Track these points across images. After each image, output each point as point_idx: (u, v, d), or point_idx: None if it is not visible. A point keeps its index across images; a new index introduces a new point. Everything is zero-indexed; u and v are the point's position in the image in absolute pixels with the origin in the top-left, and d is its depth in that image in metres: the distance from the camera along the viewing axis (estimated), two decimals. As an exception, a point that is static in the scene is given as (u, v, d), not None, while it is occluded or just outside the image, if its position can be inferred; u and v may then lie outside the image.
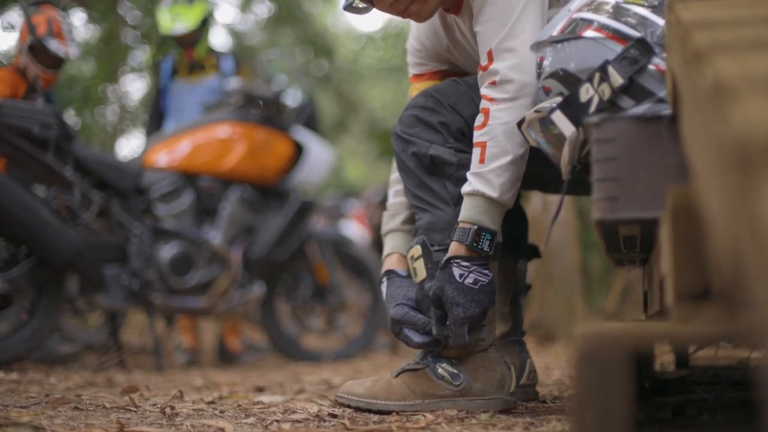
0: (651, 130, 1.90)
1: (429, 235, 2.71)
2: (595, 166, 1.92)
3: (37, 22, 5.57)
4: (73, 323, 6.41)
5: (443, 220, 2.70)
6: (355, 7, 2.72)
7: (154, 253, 5.52)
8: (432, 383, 2.71)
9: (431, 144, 2.72)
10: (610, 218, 1.90)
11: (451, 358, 2.71)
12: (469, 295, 2.56)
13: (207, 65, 6.66)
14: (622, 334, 1.37)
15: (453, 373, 2.70)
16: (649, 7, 2.25)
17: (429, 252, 2.70)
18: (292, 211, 6.03)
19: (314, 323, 6.49)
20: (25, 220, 4.84)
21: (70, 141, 5.20)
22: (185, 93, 6.61)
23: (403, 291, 2.76)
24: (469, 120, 2.71)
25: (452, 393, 2.70)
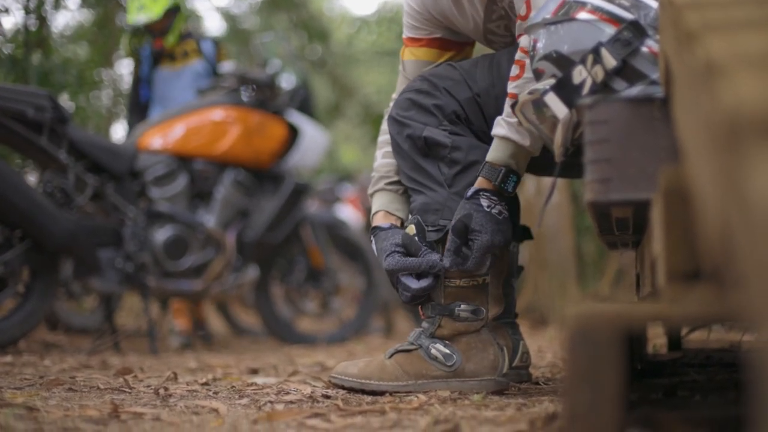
0: (643, 111, 1.90)
1: (423, 216, 2.74)
2: (587, 148, 1.93)
3: None
4: (67, 306, 6.42)
5: (437, 201, 2.73)
6: None
7: (148, 236, 5.52)
8: (425, 364, 2.73)
9: (425, 126, 2.75)
10: (603, 200, 1.90)
11: (444, 339, 2.73)
12: (495, 225, 2.63)
13: (189, 51, 6.64)
14: (614, 315, 1.37)
15: (446, 353, 2.72)
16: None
17: (423, 231, 2.73)
18: (286, 195, 6.03)
19: (308, 306, 6.50)
20: (19, 204, 4.83)
21: (65, 124, 5.19)
22: (170, 80, 6.59)
23: (390, 240, 2.79)
24: (464, 103, 2.74)
25: (445, 374, 2.72)
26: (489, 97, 2.75)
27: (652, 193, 1.77)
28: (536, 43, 2.37)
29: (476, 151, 2.73)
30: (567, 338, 1.37)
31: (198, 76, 6.55)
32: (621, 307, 1.45)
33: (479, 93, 2.76)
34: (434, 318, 2.75)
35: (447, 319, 2.74)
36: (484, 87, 2.77)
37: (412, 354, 2.75)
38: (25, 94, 5.06)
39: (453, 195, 2.71)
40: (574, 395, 1.40)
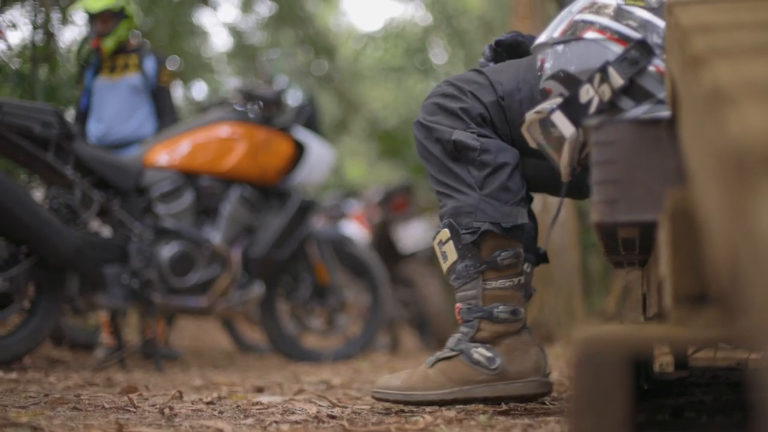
0: (650, 132, 1.90)
1: (456, 219, 2.71)
2: (594, 169, 1.93)
3: None
4: (72, 322, 6.42)
5: (468, 204, 2.69)
6: None
7: (154, 252, 5.52)
8: (468, 369, 2.70)
9: (453, 129, 2.72)
10: (609, 221, 1.90)
11: (485, 342, 2.71)
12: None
13: (130, 64, 6.62)
14: (621, 338, 1.37)
15: (489, 357, 2.69)
16: (649, 10, 2.26)
17: (458, 233, 2.70)
18: (292, 211, 6.03)
19: (314, 323, 6.48)
20: (25, 219, 4.84)
21: (71, 140, 5.20)
22: (106, 91, 6.57)
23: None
24: (490, 106, 2.71)
25: (489, 377, 2.70)
26: (513, 101, 2.71)
27: (658, 214, 1.77)
28: (543, 63, 2.37)
29: (505, 153, 2.71)
30: (574, 361, 1.37)
31: (133, 90, 6.51)
32: (628, 329, 1.44)
33: (503, 96, 2.72)
34: (473, 321, 2.72)
35: (486, 322, 2.71)
36: (509, 90, 2.73)
37: (454, 360, 2.72)
38: (32, 110, 5.07)
39: (485, 197, 2.67)
40: (580, 419, 1.39)
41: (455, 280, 2.74)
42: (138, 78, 6.53)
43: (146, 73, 6.57)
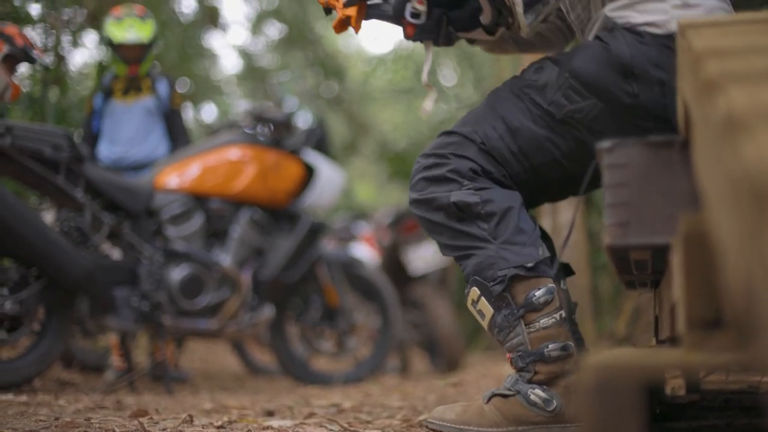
0: (662, 155, 1.90)
1: (480, 275, 2.67)
2: (606, 192, 1.92)
3: (12, 34, 5.63)
4: (82, 344, 6.42)
5: (488, 256, 2.66)
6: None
7: (164, 275, 5.52)
8: (524, 410, 2.65)
9: (450, 192, 2.70)
10: (621, 244, 1.90)
11: (543, 383, 2.65)
12: None
13: (143, 87, 6.69)
14: (634, 364, 1.36)
15: (545, 398, 2.63)
16: None
17: (486, 288, 2.67)
18: (302, 233, 6.03)
19: (324, 346, 6.46)
20: (35, 242, 4.85)
21: (81, 163, 5.22)
22: (121, 113, 6.64)
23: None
24: (476, 158, 2.70)
25: (545, 419, 2.64)
26: (494, 141, 2.71)
27: (670, 237, 1.77)
28: None
29: (507, 197, 2.70)
30: (587, 388, 1.36)
31: (148, 113, 6.61)
32: (641, 354, 1.43)
33: (483, 142, 2.71)
34: (527, 366, 2.66)
35: (540, 364, 2.65)
36: (484, 133, 2.72)
37: (510, 399, 2.68)
38: (43, 133, 5.09)
39: (501, 245, 2.65)
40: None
41: (499, 334, 2.70)
42: (152, 101, 6.60)
43: (159, 96, 6.64)
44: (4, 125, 4.95)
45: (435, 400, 4.11)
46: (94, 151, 6.61)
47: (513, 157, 2.69)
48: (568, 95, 2.62)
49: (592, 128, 2.60)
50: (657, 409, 2.81)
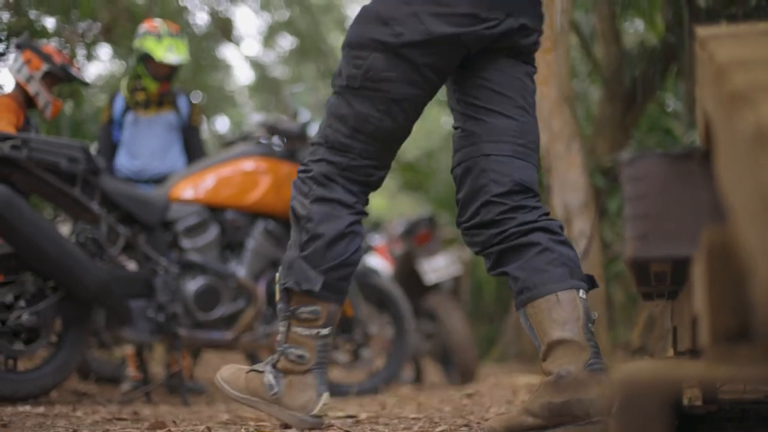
0: (682, 167, 1.90)
1: (281, 269, 3.18)
2: (627, 204, 1.92)
3: (50, 52, 5.73)
4: (99, 356, 6.43)
5: (288, 260, 3.13)
6: None
7: (179, 286, 5.53)
8: (259, 386, 3.21)
9: (294, 201, 3.19)
10: (642, 256, 1.90)
11: (279, 371, 3.20)
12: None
13: (164, 101, 6.74)
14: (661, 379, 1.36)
15: (271, 384, 3.18)
16: None
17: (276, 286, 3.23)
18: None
19: (339, 357, 6.46)
20: (52, 254, 4.87)
21: (97, 175, 5.24)
22: (142, 126, 6.68)
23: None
24: (325, 156, 3.14)
25: (269, 399, 3.20)
26: (331, 135, 3.11)
27: (691, 249, 1.77)
28: None
29: (327, 224, 3.07)
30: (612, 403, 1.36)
31: (169, 127, 6.67)
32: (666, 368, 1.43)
33: (326, 141, 3.12)
34: (277, 353, 3.22)
35: (283, 357, 3.18)
36: (324, 135, 3.14)
37: (258, 374, 3.24)
38: (59, 145, 5.11)
39: (300, 258, 3.07)
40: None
41: (278, 312, 3.21)
42: (173, 115, 6.65)
43: (180, 112, 6.68)
44: (21, 138, 4.97)
45: (451, 411, 4.10)
46: (112, 162, 6.65)
47: (350, 140, 3.05)
48: (354, 63, 2.99)
49: (389, 78, 2.95)
50: (676, 421, 2.81)
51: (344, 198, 3.09)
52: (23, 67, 5.74)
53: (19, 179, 5.07)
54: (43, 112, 5.74)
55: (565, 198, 6.15)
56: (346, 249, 3.07)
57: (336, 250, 3.05)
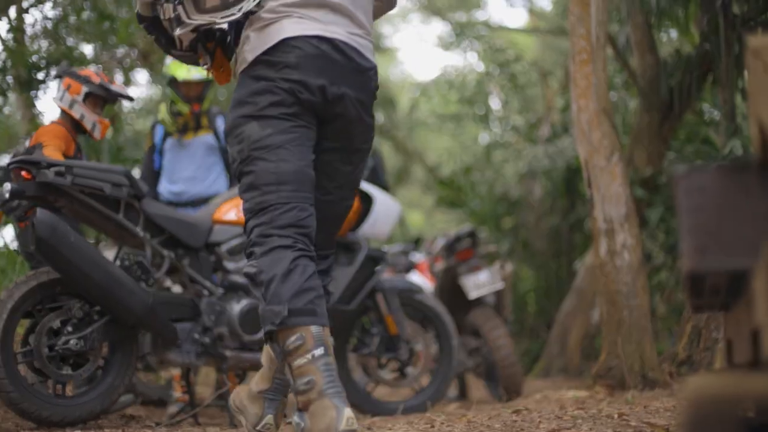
0: (739, 178, 1.89)
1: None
2: (683, 217, 1.91)
3: (87, 74, 5.82)
4: (145, 379, 6.46)
5: (263, 310, 3.43)
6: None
7: (225, 308, 5.54)
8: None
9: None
10: (701, 269, 1.89)
11: (299, 409, 3.32)
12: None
13: (202, 124, 6.78)
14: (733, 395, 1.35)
15: (298, 423, 3.31)
16: None
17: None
18: (360, 263, 6.03)
19: (384, 375, 6.45)
20: (98, 280, 4.91)
21: (141, 200, 5.27)
22: (181, 150, 6.73)
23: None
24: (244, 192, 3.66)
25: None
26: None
27: (750, 261, 1.75)
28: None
29: (274, 268, 3.41)
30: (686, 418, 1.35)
31: (208, 149, 6.72)
32: (737, 383, 1.42)
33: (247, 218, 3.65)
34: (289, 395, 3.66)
35: (297, 395, 3.34)
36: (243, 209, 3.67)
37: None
38: (103, 171, 5.15)
39: (267, 307, 3.41)
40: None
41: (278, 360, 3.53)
42: (211, 137, 6.68)
43: (218, 133, 6.72)
44: (65, 164, 5.02)
45: (501, 428, 4.08)
46: (155, 187, 6.69)
47: (263, 197, 3.48)
48: (237, 141, 3.54)
49: (267, 135, 3.47)
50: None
51: (282, 243, 3.41)
52: (65, 93, 5.83)
53: (64, 205, 5.12)
54: (92, 134, 5.82)
55: (607, 210, 6.12)
56: (300, 278, 3.36)
57: (290, 282, 3.35)
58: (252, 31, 3.53)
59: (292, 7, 3.51)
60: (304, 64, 3.45)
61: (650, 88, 8.78)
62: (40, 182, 4.95)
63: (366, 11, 3.70)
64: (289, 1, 3.51)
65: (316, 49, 3.47)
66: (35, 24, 10.75)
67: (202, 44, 3.65)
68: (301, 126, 3.49)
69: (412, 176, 19.24)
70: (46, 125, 6.15)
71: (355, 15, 3.61)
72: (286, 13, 3.50)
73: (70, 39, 10.08)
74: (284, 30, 3.47)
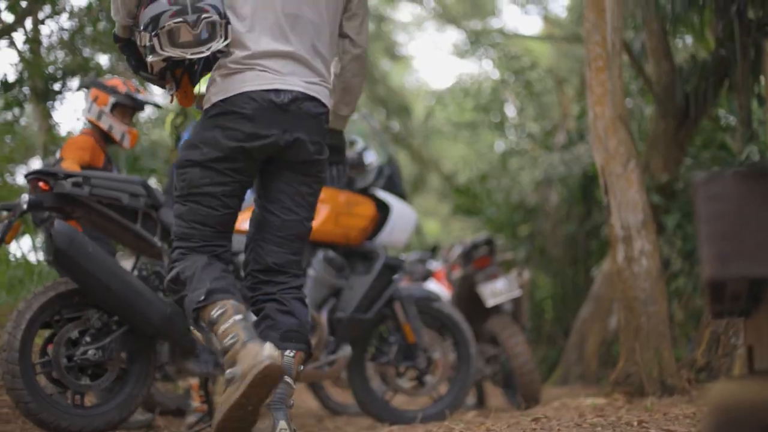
0: (759, 186, 1.88)
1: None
2: (703, 224, 1.91)
3: (114, 84, 5.85)
4: (163, 389, 6.46)
5: (188, 302, 3.98)
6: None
7: (242, 317, 5.54)
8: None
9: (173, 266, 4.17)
10: (722, 276, 1.88)
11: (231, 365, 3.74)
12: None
13: None
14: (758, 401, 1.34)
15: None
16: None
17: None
18: (377, 272, 6.03)
19: (402, 383, 6.44)
20: (116, 290, 4.92)
21: (158, 210, 5.28)
22: None
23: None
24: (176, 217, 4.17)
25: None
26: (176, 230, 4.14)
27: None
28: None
29: (192, 266, 3.98)
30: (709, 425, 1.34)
31: None
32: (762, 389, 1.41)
33: (172, 238, 4.14)
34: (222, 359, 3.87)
35: (226, 352, 3.76)
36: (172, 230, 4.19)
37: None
38: (120, 181, 5.16)
39: (190, 294, 3.94)
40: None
41: (205, 337, 4.18)
42: None
43: None
44: (82, 175, 5.04)
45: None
46: None
47: (189, 230, 4.01)
48: (181, 179, 4.03)
49: (205, 183, 3.97)
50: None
51: (199, 255, 3.97)
52: (92, 105, 5.87)
53: (81, 216, 5.13)
54: (122, 144, 5.86)
55: (624, 217, 6.11)
56: (216, 269, 3.92)
57: (209, 270, 3.91)
58: (218, 76, 3.95)
59: (255, 59, 3.91)
60: (259, 117, 3.87)
61: (666, 95, 8.76)
62: (57, 193, 4.97)
63: (325, 60, 4.09)
64: (253, 53, 3.90)
65: (271, 102, 3.88)
66: (51, 35, 10.82)
67: (171, 71, 3.95)
68: (237, 181, 3.97)
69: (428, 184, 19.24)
70: (74, 136, 6.19)
71: (313, 65, 4.00)
72: (249, 66, 3.90)
73: (86, 50, 10.13)
74: (246, 83, 3.89)
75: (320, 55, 4.04)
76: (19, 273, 7.49)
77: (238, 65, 3.90)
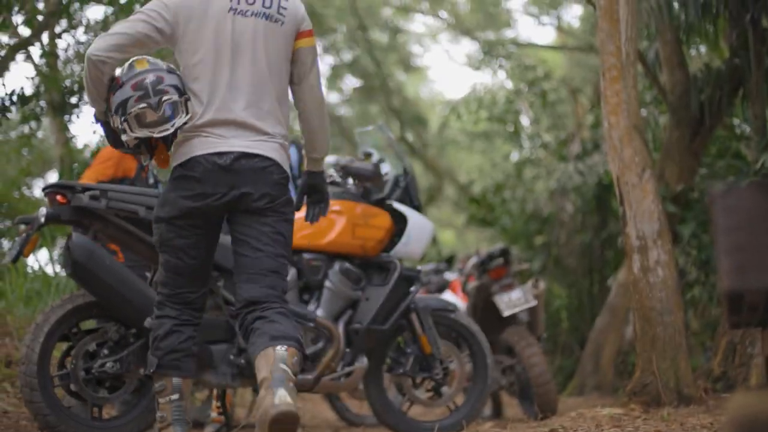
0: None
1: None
2: (720, 236, 1.92)
3: None
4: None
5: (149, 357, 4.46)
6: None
7: (259, 329, 5.54)
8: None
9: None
10: (739, 287, 1.89)
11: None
12: None
13: None
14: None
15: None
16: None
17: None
18: (394, 283, 6.03)
19: (419, 394, 6.43)
20: (134, 302, 4.95)
21: (174, 222, 5.30)
22: None
23: None
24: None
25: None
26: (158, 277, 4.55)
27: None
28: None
29: (158, 329, 4.43)
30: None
31: None
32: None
33: (156, 282, 4.59)
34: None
35: (156, 422, 4.47)
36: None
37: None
38: (137, 194, 5.19)
39: (151, 353, 4.42)
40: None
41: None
42: None
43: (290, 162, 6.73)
44: (99, 188, 5.07)
45: (538, 446, 4.08)
46: None
47: (166, 278, 4.42)
48: (156, 233, 4.43)
49: (172, 238, 4.38)
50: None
51: (171, 313, 4.39)
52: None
53: (99, 229, 5.16)
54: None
55: (640, 226, 6.11)
56: (174, 341, 4.34)
57: (167, 342, 4.33)
58: (176, 145, 4.34)
59: (201, 128, 4.30)
60: (206, 178, 4.26)
61: (680, 104, 8.76)
62: (75, 206, 5.00)
63: (274, 115, 4.42)
64: (199, 123, 4.29)
65: (214, 164, 4.25)
66: (68, 49, 10.86)
67: (145, 144, 4.27)
68: (197, 234, 4.35)
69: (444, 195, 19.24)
70: (104, 148, 6.24)
71: (257, 126, 4.35)
72: (196, 134, 4.30)
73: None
74: (193, 148, 4.28)
75: (268, 113, 4.41)
76: (36, 286, 7.53)
77: (188, 133, 4.30)
